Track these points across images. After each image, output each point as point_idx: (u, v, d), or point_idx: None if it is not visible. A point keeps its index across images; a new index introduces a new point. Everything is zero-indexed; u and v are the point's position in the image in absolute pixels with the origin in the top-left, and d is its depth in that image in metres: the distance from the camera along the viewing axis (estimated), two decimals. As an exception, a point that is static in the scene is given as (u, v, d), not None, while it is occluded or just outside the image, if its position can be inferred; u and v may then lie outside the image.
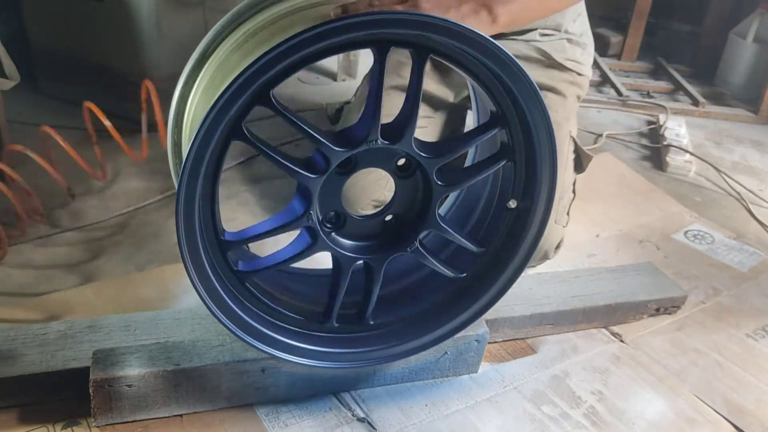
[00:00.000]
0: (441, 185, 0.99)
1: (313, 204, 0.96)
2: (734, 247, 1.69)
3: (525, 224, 1.06)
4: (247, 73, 0.81)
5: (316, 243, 1.00)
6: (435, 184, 0.99)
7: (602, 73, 2.75)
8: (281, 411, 1.10)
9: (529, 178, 1.03)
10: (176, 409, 1.06)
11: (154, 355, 1.03)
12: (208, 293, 0.96)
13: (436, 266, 1.06)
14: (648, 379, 1.25)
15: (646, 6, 2.80)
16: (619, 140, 2.26)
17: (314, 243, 1.00)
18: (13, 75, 1.55)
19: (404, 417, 1.12)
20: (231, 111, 0.84)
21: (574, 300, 1.32)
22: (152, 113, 1.65)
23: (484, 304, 1.10)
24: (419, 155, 0.96)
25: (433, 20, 0.85)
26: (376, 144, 0.93)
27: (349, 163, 0.98)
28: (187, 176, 0.86)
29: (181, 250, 0.90)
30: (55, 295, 1.31)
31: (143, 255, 1.46)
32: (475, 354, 1.19)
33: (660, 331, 1.38)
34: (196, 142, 0.84)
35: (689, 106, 2.55)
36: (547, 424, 1.13)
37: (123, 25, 1.84)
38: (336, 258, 1.03)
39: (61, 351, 1.06)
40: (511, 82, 0.93)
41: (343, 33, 0.83)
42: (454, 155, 0.98)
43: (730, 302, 1.49)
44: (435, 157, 0.97)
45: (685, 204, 1.88)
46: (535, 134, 0.98)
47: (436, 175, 0.99)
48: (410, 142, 0.94)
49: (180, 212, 0.88)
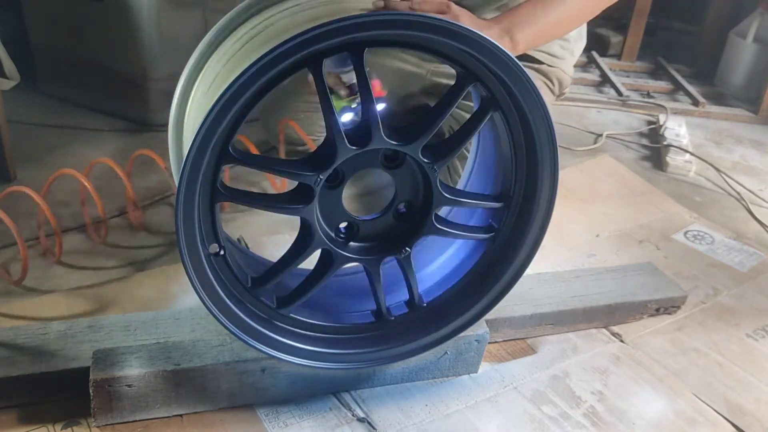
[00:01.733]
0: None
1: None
2: (734, 247, 1.69)
3: (526, 224, 1.06)
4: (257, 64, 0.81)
5: (336, 261, 1.01)
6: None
7: (602, 73, 2.75)
8: (281, 411, 1.10)
9: (530, 177, 1.03)
10: (176, 409, 1.06)
11: (154, 355, 1.03)
12: (208, 294, 0.96)
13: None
14: (648, 379, 1.25)
15: (645, 6, 2.80)
16: (619, 140, 2.26)
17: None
18: (13, 75, 1.55)
19: (404, 417, 1.12)
20: (240, 100, 0.84)
21: (574, 300, 1.32)
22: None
23: (485, 305, 1.10)
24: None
25: (470, 33, 0.86)
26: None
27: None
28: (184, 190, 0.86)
29: (180, 251, 0.90)
30: (55, 295, 1.31)
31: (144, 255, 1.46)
32: (475, 354, 1.19)
33: (660, 331, 1.38)
34: (202, 131, 0.84)
35: (689, 106, 2.55)
36: (547, 424, 1.14)
37: (123, 25, 1.84)
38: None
39: (61, 351, 1.06)
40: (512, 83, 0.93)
41: (385, 27, 0.84)
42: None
43: (730, 302, 1.49)
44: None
45: (685, 204, 1.88)
46: (536, 135, 0.98)
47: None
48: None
49: (180, 216, 0.88)
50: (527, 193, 1.04)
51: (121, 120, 1.97)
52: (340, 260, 1.02)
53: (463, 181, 1.19)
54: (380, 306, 1.07)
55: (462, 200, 1.04)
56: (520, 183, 1.04)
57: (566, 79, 1.62)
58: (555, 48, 1.54)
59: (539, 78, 1.56)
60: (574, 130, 2.28)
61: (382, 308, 1.07)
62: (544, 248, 1.07)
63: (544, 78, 1.58)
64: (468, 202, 1.05)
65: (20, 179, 1.62)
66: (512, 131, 1.00)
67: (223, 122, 0.84)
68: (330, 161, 0.92)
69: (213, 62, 1.05)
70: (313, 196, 0.94)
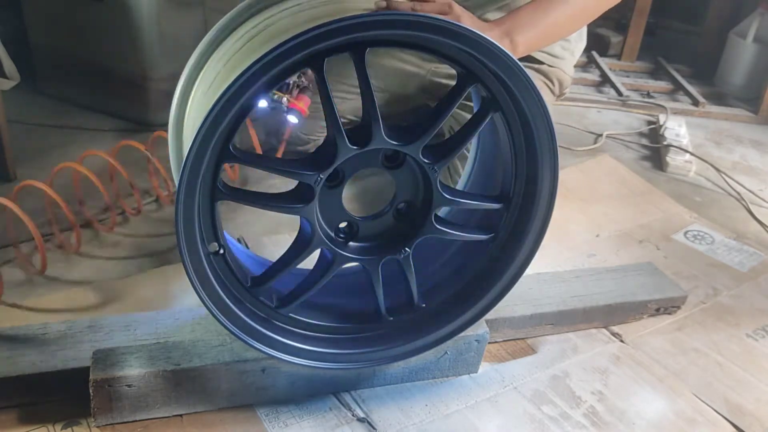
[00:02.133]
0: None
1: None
2: (734, 247, 1.69)
3: (526, 224, 1.06)
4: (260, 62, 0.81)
5: (336, 260, 1.01)
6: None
7: (602, 73, 2.75)
8: (281, 411, 1.10)
9: (530, 177, 1.03)
10: (176, 409, 1.06)
11: (154, 355, 1.03)
12: (208, 294, 0.96)
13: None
14: (648, 379, 1.25)
15: (646, 6, 2.80)
16: (619, 140, 2.26)
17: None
18: (13, 75, 1.55)
19: (404, 417, 1.12)
20: (243, 97, 0.84)
21: (574, 300, 1.32)
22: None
23: (486, 304, 1.10)
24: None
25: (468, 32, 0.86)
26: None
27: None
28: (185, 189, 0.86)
29: (181, 251, 0.90)
30: (56, 294, 1.31)
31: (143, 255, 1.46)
32: (475, 354, 1.19)
33: (660, 331, 1.38)
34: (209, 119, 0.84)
35: (689, 106, 2.55)
36: (547, 424, 1.13)
37: (123, 25, 1.84)
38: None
39: (61, 351, 1.06)
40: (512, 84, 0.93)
41: (386, 27, 0.84)
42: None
43: (730, 302, 1.49)
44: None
45: (685, 204, 1.88)
46: (536, 135, 0.98)
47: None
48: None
49: (180, 214, 0.88)
50: (527, 192, 1.04)
51: (121, 120, 1.97)
52: (340, 260, 1.02)
53: (464, 181, 1.19)
54: (380, 306, 1.07)
55: (462, 201, 1.04)
56: (520, 183, 1.04)
57: (566, 79, 1.62)
58: (556, 48, 1.54)
59: (539, 78, 1.57)
60: (574, 130, 2.28)
61: (381, 308, 1.07)
62: (544, 248, 1.07)
63: (545, 78, 1.58)
64: (468, 203, 1.05)
65: (20, 179, 1.61)
66: (512, 132, 1.00)
67: (224, 122, 0.84)
68: (330, 160, 0.92)
69: (213, 62, 1.05)
70: (313, 196, 0.94)
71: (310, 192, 0.94)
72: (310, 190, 0.94)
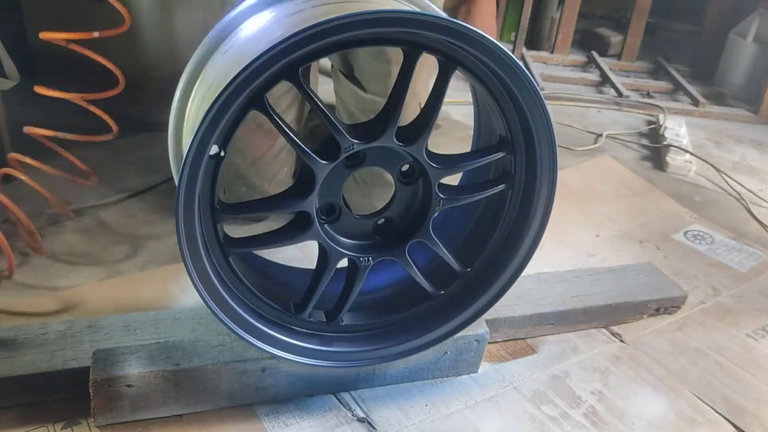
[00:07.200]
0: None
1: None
2: (734, 247, 1.69)
3: (525, 224, 1.06)
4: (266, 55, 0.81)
5: (309, 230, 1.00)
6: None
7: (602, 73, 2.75)
8: (281, 411, 1.10)
9: (529, 175, 1.04)
10: (176, 409, 1.06)
11: (154, 355, 1.03)
12: (209, 292, 0.96)
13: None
14: (648, 379, 1.25)
15: (646, 6, 2.80)
16: (619, 140, 2.26)
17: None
18: (13, 75, 1.55)
19: (404, 417, 1.12)
20: (255, 81, 0.84)
21: (574, 300, 1.32)
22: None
23: (484, 303, 1.10)
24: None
25: (470, 32, 0.87)
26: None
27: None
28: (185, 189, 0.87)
29: (181, 251, 0.90)
30: (55, 294, 1.31)
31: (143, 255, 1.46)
32: (475, 354, 1.19)
33: (660, 331, 1.38)
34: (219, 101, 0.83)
35: (689, 106, 2.55)
36: (547, 424, 1.13)
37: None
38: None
39: (61, 351, 1.06)
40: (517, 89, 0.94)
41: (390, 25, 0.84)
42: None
43: (730, 302, 1.49)
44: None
45: (685, 204, 1.88)
46: (536, 137, 0.99)
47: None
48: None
49: (180, 216, 0.88)
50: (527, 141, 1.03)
51: (121, 120, 1.97)
52: (336, 256, 1.02)
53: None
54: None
55: (461, 198, 1.05)
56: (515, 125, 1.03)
57: None
58: None
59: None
60: (574, 130, 2.28)
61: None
62: (544, 248, 1.07)
63: None
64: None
65: (20, 179, 1.61)
66: (504, 111, 1.01)
67: (223, 121, 0.84)
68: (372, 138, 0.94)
69: (214, 61, 1.05)
70: (337, 158, 0.94)
71: (337, 154, 0.94)
72: (336, 153, 0.94)
